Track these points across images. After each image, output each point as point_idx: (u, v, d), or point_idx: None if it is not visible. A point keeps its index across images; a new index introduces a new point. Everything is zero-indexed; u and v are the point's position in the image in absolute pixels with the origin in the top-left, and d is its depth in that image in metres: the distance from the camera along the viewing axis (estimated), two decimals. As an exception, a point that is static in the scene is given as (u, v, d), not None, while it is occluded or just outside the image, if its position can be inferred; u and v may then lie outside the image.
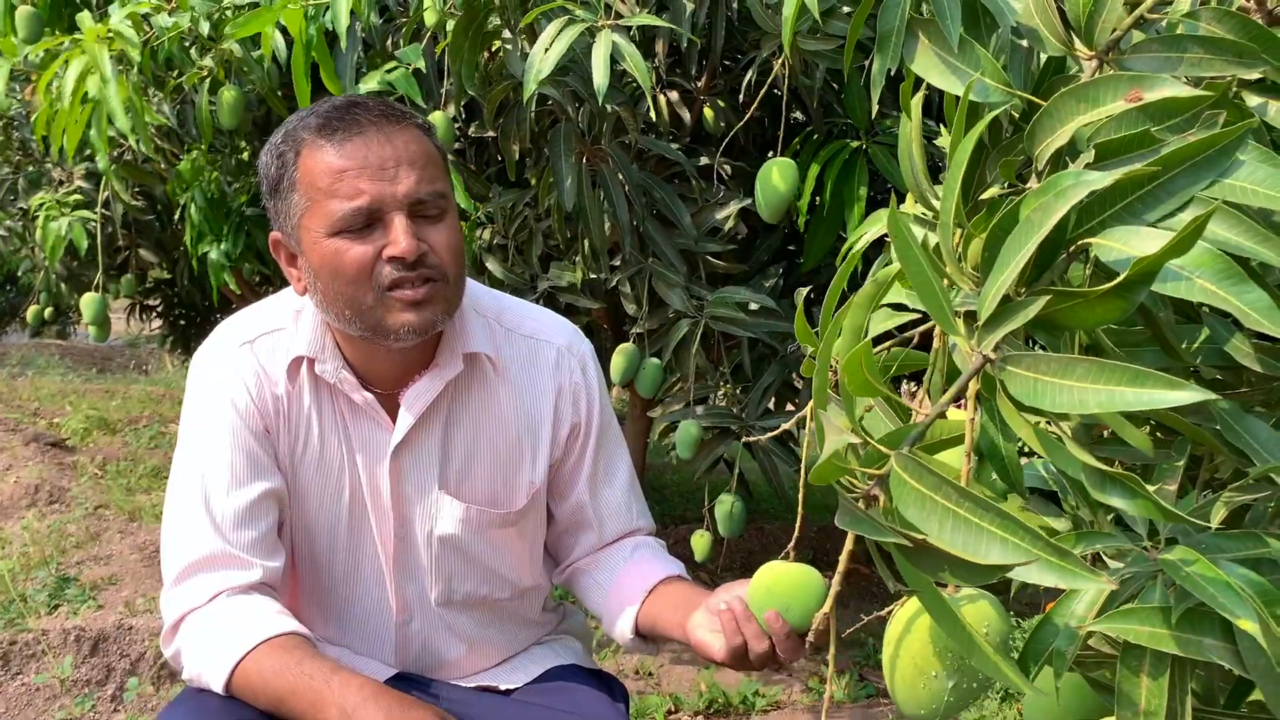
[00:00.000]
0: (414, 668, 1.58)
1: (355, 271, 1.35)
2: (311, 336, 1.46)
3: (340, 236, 1.35)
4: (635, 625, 1.51)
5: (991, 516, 0.71)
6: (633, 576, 1.55)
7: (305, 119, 1.39)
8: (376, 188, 1.34)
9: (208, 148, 3.57)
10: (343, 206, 1.34)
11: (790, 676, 3.11)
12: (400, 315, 1.37)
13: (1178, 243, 0.68)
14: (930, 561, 0.75)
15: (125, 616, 2.85)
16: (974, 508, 0.72)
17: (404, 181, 1.35)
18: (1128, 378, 0.69)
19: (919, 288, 0.83)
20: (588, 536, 1.63)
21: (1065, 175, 0.73)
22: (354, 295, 1.37)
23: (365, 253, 1.35)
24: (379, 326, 1.38)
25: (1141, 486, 0.71)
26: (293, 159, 1.38)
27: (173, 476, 1.47)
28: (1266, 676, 0.79)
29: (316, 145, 1.36)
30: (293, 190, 1.38)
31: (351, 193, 1.33)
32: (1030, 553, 0.69)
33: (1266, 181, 0.78)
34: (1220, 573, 0.78)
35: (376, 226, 1.35)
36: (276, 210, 1.42)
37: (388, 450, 1.48)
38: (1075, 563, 0.68)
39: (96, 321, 3.93)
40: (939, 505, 0.74)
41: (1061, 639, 0.88)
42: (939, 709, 0.90)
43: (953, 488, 0.73)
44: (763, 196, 2.47)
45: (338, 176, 1.34)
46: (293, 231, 1.40)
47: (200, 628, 1.37)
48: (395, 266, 1.35)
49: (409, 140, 1.37)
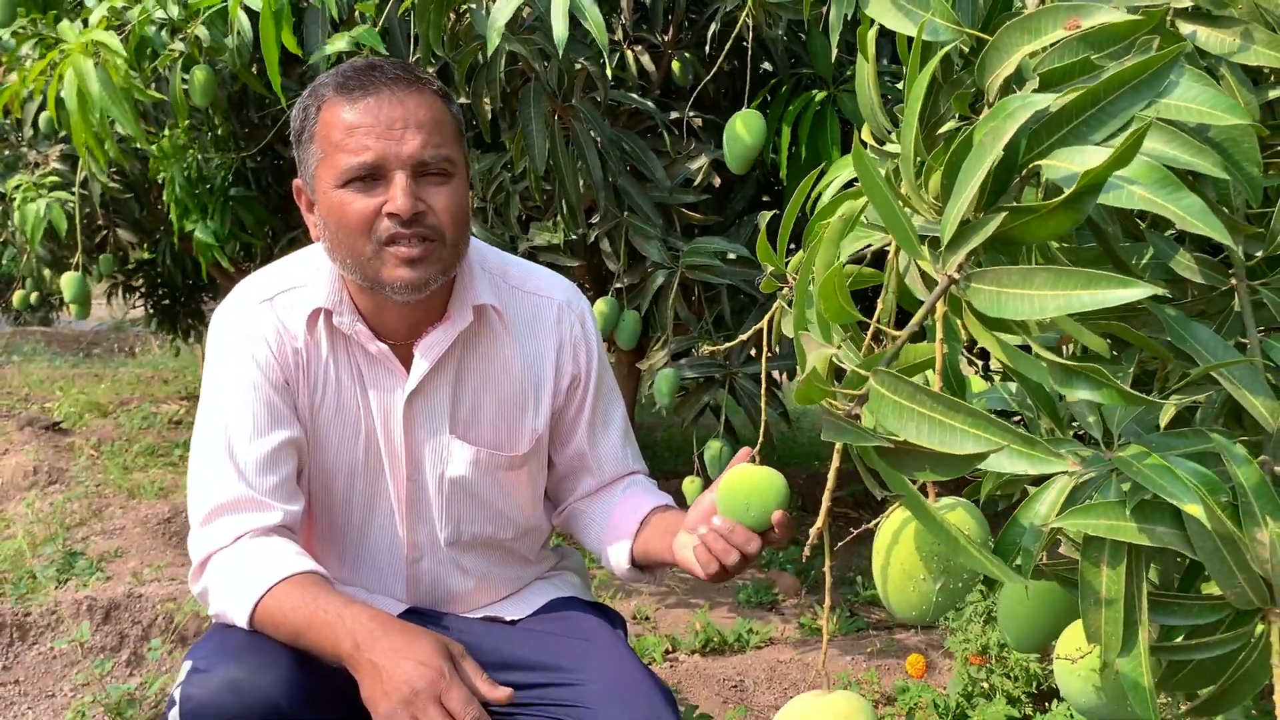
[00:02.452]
0: (424, 603, 1.66)
1: (356, 223, 1.43)
2: (330, 290, 1.54)
3: (347, 189, 1.43)
4: (631, 556, 1.61)
5: (963, 415, 0.77)
6: (625, 511, 1.64)
7: (330, 76, 1.48)
8: (382, 145, 1.42)
9: (185, 126, 3.59)
10: (350, 160, 1.42)
11: (783, 616, 3.20)
12: (395, 270, 1.45)
13: (1120, 155, 0.74)
14: (911, 461, 0.82)
15: (134, 585, 2.91)
16: (946, 409, 0.78)
17: (410, 142, 1.42)
18: (1082, 281, 0.75)
19: (885, 217, 0.89)
20: (586, 480, 1.73)
21: (1012, 99, 0.79)
22: (354, 245, 1.45)
23: (367, 206, 1.43)
24: (376, 278, 1.47)
25: (1106, 376, 0.77)
26: (314, 112, 1.47)
27: (197, 427, 1.54)
28: (1212, 556, 0.86)
29: (334, 101, 1.44)
30: (311, 141, 1.47)
31: (359, 148, 1.42)
32: (999, 442, 0.75)
33: (1200, 99, 0.84)
34: (1168, 465, 0.85)
35: (380, 183, 1.43)
36: (299, 158, 1.51)
37: (402, 397, 1.57)
38: (1041, 448, 0.75)
39: (78, 300, 3.97)
40: (915, 412, 0.80)
41: (1028, 537, 0.95)
42: (928, 608, 0.96)
43: (927, 394, 0.80)
44: (729, 148, 2.54)
45: (349, 132, 1.42)
46: (310, 179, 1.50)
47: (225, 567, 1.45)
48: (393, 222, 1.43)
49: (420, 104, 1.44)
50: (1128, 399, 0.78)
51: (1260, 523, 0.85)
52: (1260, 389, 0.95)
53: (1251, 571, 0.86)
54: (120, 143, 4.00)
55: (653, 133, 3.10)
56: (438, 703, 1.29)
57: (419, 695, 1.29)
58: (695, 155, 3.00)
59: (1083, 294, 0.75)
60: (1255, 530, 0.85)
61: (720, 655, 2.85)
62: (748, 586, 3.35)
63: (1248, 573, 0.86)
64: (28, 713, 2.39)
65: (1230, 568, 0.86)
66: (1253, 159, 0.96)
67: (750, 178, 3.26)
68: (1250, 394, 0.95)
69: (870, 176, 0.88)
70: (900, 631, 3.04)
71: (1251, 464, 0.86)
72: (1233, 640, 0.91)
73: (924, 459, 0.81)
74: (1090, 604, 0.92)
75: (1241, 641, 0.91)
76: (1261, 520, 0.85)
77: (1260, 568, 0.86)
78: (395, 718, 1.29)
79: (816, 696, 0.99)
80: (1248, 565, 0.86)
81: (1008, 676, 2.43)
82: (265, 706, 1.34)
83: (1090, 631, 0.92)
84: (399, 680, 1.29)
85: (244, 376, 1.52)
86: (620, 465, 1.73)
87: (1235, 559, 0.86)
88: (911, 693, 2.43)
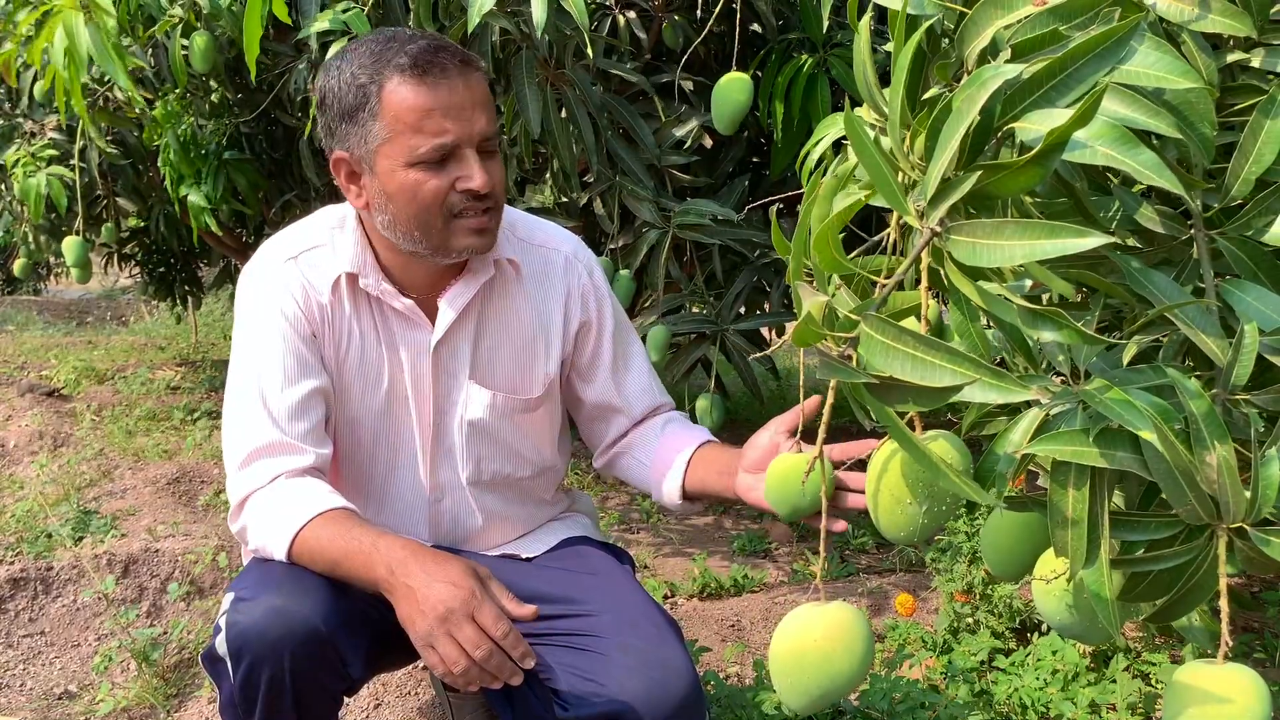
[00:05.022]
0: (445, 541, 1.77)
1: (431, 200, 1.53)
2: (353, 254, 1.64)
3: (418, 168, 1.52)
4: (682, 489, 1.73)
5: (941, 353, 0.87)
6: (669, 449, 1.76)
7: (390, 54, 1.51)
8: (459, 127, 1.51)
9: (182, 92, 3.64)
10: (429, 142, 1.50)
11: (776, 563, 3.32)
12: (465, 239, 1.57)
13: (1080, 115, 0.83)
14: (895, 394, 0.92)
15: (150, 541, 3.00)
16: (927, 348, 0.88)
17: (479, 122, 1.52)
18: (1045, 231, 0.85)
19: (874, 177, 0.99)
20: (619, 420, 1.84)
21: (986, 69, 0.89)
22: (426, 220, 1.55)
23: (441, 184, 1.53)
24: (443, 246, 1.58)
25: (1066, 319, 0.87)
26: (375, 91, 1.51)
27: (230, 380, 1.64)
28: (1166, 478, 0.97)
29: (404, 82, 1.50)
30: (374, 120, 1.52)
31: (437, 130, 1.50)
32: (972, 375, 0.85)
33: (1157, 65, 0.93)
34: (1127, 396, 0.95)
35: (450, 160, 1.52)
36: (347, 133, 1.56)
37: (429, 346, 1.68)
38: (1010, 381, 0.84)
39: (79, 264, 4.04)
40: (900, 351, 0.90)
41: (1003, 463, 1.06)
42: (916, 530, 1.05)
43: (910, 335, 0.89)
44: (716, 111, 2.64)
45: (426, 114, 1.50)
46: (367, 155, 1.54)
47: (263, 505, 1.55)
48: (466, 197, 1.54)
49: (478, 84, 1.54)
50: (1085, 338, 0.88)
51: (1209, 447, 0.95)
52: (1212, 329, 1.05)
53: (1201, 491, 0.97)
54: (116, 111, 4.06)
55: (644, 96, 3.17)
56: (471, 620, 1.39)
57: (453, 613, 1.39)
58: (686, 119, 3.08)
59: (1045, 243, 0.85)
60: (1205, 454, 0.96)
61: (717, 599, 2.96)
62: (742, 536, 3.46)
63: (1197, 491, 0.97)
64: (55, 661, 2.50)
65: (1182, 488, 0.97)
66: (1207, 119, 1.06)
67: (740, 140, 3.34)
68: (1202, 333, 1.05)
69: (860, 139, 0.97)
70: (889, 575, 3.16)
71: (1202, 395, 0.96)
72: (1185, 553, 1.02)
73: (907, 392, 0.91)
74: (1058, 523, 1.02)
75: (1194, 554, 1.02)
76: (1210, 444, 0.95)
77: (1209, 488, 0.97)
78: (432, 635, 1.39)
79: (814, 606, 1.09)
80: (1198, 485, 0.97)
81: (992, 613, 2.55)
82: (306, 629, 1.45)
83: (1058, 547, 1.02)
84: (434, 600, 1.39)
85: (273, 329, 1.61)
86: (649, 399, 1.84)
87: (1187, 480, 0.96)
88: (901, 630, 2.54)
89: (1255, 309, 1.07)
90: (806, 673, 1.07)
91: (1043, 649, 2.35)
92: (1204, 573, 1.03)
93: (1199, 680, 0.98)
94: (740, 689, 2.13)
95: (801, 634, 1.08)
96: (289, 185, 4.31)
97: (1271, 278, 1.12)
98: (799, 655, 1.08)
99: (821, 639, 1.06)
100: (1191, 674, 0.99)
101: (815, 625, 1.07)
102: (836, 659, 1.06)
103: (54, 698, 2.35)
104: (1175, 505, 0.98)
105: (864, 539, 3.43)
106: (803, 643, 1.08)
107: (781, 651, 1.09)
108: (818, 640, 1.07)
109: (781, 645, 1.10)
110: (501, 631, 1.39)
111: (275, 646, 1.44)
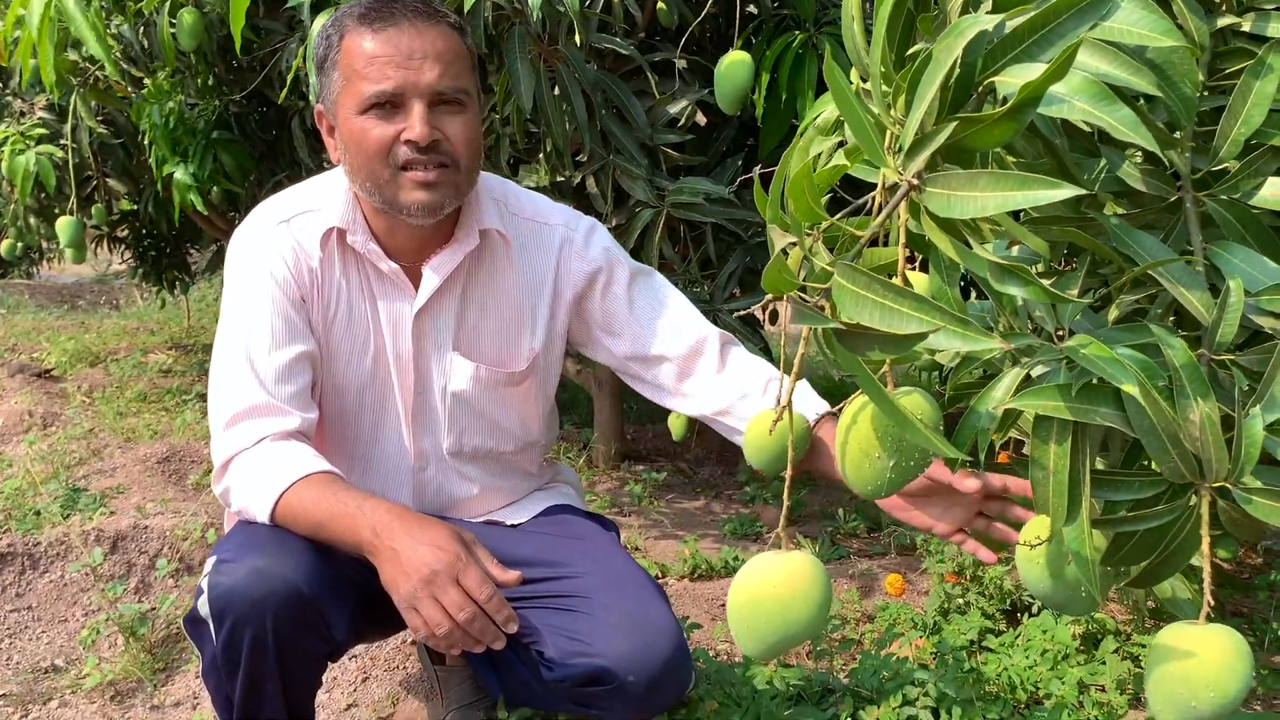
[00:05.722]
0: (429, 509, 1.76)
1: (376, 148, 1.52)
2: (344, 210, 1.63)
3: (367, 115, 1.52)
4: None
5: (908, 301, 0.86)
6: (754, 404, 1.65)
7: (353, 7, 1.55)
8: (402, 75, 1.50)
9: (171, 71, 3.62)
10: (371, 88, 1.50)
11: (766, 545, 3.31)
12: (412, 193, 1.54)
13: (1055, 69, 0.82)
14: (864, 342, 0.91)
15: (139, 519, 2.99)
16: (896, 296, 0.87)
17: (428, 73, 1.50)
18: (1017, 183, 0.84)
19: (854, 127, 0.98)
20: (665, 366, 1.72)
21: (964, 19, 0.88)
22: (373, 170, 1.54)
23: (386, 133, 1.52)
24: (393, 201, 1.55)
25: (1031, 275, 0.86)
26: (336, 41, 1.55)
27: (218, 340, 1.63)
28: (1149, 434, 0.96)
29: (357, 31, 1.52)
30: (334, 69, 1.55)
31: (380, 77, 1.50)
32: (936, 323, 0.84)
33: (1139, 23, 0.92)
34: (1110, 351, 0.94)
35: (400, 111, 1.51)
36: (321, 85, 1.58)
37: (411, 313, 1.66)
38: (974, 329, 0.83)
39: (73, 244, 4.01)
40: (869, 300, 0.89)
41: (984, 419, 1.05)
42: (883, 484, 1.04)
43: (879, 283, 0.88)
44: (720, 89, 2.62)
45: (370, 61, 1.50)
46: (331, 106, 1.57)
47: (248, 466, 1.54)
48: (410, 148, 1.52)
49: (438, 36, 1.52)
50: (1049, 295, 0.87)
51: (1192, 403, 0.94)
52: (1198, 287, 1.04)
53: (1184, 448, 0.96)
54: (106, 90, 4.04)
55: (638, 74, 3.16)
56: (456, 583, 1.39)
57: (438, 576, 1.38)
58: (679, 97, 3.06)
59: (1017, 194, 0.84)
60: (1188, 410, 0.95)
61: (707, 580, 2.96)
62: (733, 519, 3.45)
63: (1180, 449, 0.96)
64: (42, 636, 2.49)
65: (1165, 444, 0.96)
66: (1189, 79, 1.05)
67: (733, 119, 3.32)
68: (1187, 292, 1.04)
69: (841, 88, 0.96)
70: (880, 558, 3.15)
71: (1184, 350, 0.95)
72: (1169, 512, 1.01)
73: (874, 340, 0.91)
74: (1039, 478, 1.02)
75: (1177, 513, 1.01)
76: (1194, 400, 0.94)
77: (1192, 445, 0.96)
78: (416, 597, 1.38)
79: (774, 555, 1.08)
80: (1180, 442, 0.96)
81: (982, 594, 2.54)
82: (289, 590, 1.44)
83: (1039, 503, 1.02)
84: (418, 563, 1.39)
85: (263, 292, 1.61)
86: (688, 334, 1.71)
87: (1169, 436, 0.95)
88: (891, 610, 2.54)
89: (1243, 271, 1.06)
90: (763, 619, 1.06)
91: (1033, 629, 2.35)
92: (1187, 533, 1.02)
93: (1179, 640, 0.97)
94: (730, 665, 2.12)
95: (760, 581, 1.07)
96: (280, 166, 4.29)
97: (1259, 240, 1.12)
98: (756, 602, 1.07)
99: (780, 585, 1.06)
100: (1173, 635, 0.98)
101: (774, 573, 1.06)
102: (794, 606, 1.05)
103: (40, 671, 2.34)
104: (1158, 463, 0.97)
105: (856, 523, 3.42)
106: (761, 590, 1.07)
107: (739, 598, 1.09)
108: (776, 587, 1.06)
109: (739, 592, 1.09)
110: (486, 595, 1.39)
111: (258, 607, 1.43)
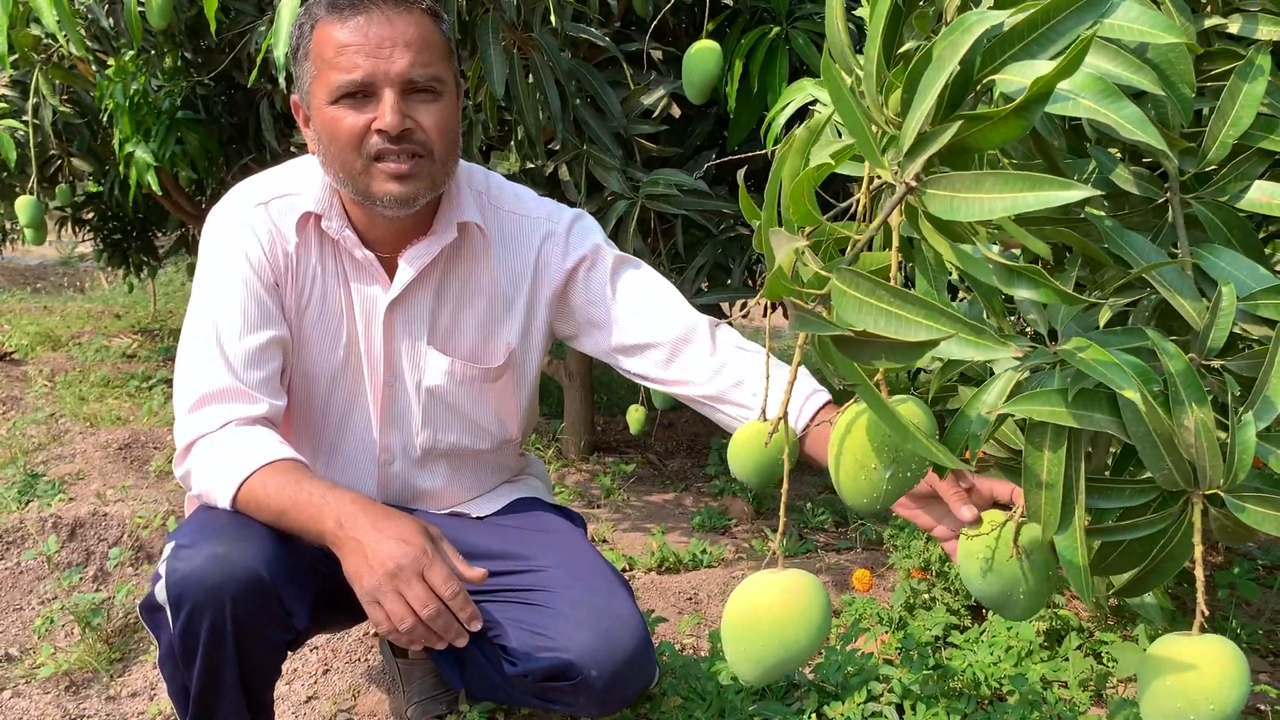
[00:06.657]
0: (393, 501, 1.73)
1: (347, 138, 1.48)
2: (321, 196, 1.60)
3: (338, 105, 1.48)
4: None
5: (915, 307, 0.83)
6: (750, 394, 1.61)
7: None
8: (371, 64, 1.46)
9: (138, 50, 3.55)
10: (340, 78, 1.47)
11: (735, 540, 3.30)
12: (384, 184, 1.50)
13: (1065, 65, 0.80)
14: (869, 350, 0.88)
15: (99, 505, 2.93)
16: (902, 303, 0.84)
17: (398, 61, 1.47)
18: (1028, 184, 0.82)
19: (850, 127, 0.96)
20: (652, 353, 1.67)
21: (969, 15, 0.86)
22: (346, 160, 1.50)
23: (357, 122, 1.48)
24: (366, 192, 1.51)
25: (1043, 276, 0.84)
26: (309, 30, 1.51)
27: (188, 320, 1.59)
28: (1144, 441, 0.94)
29: (327, 20, 1.48)
30: (306, 59, 1.52)
31: (349, 66, 1.46)
32: (948, 330, 0.81)
33: (1140, 19, 0.91)
34: (1108, 355, 0.92)
35: (371, 100, 1.48)
36: (296, 75, 1.56)
37: (383, 305, 1.62)
38: (989, 336, 0.81)
39: (33, 224, 3.93)
40: (873, 306, 0.86)
41: (975, 425, 1.03)
42: (879, 496, 1.00)
43: (884, 289, 0.86)
44: (687, 78, 2.61)
45: (340, 50, 1.47)
46: (305, 96, 1.54)
47: (211, 451, 1.50)
48: (381, 138, 1.48)
49: (410, 24, 1.48)
50: (1063, 297, 0.85)
51: (1188, 409, 0.93)
52: (1188, 291, 1.03)
53: (1179, 454, 0.95)
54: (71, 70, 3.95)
55: (612, 64, 3.13)
56: (420, 578, 1.36)
57: (403, 570, 1.36)
58: (654, 88, 3.04)
59: (1028, 195, 0.82)
60: (1183, 416, 0.93)
61: (675, 573, 2.94)
62: (701, 512, 3.44)
63: (1175, 455, 0.95)
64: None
65: (1160, 451, 0.95)
66: (1186, 80, 1.04)
67: (708, 112, 3.30)
68: (1179, 295, 1.03)
69: (838, 88, 0.94)
70: (848, 553, 3.15)
71: (1180, 356, 0.94)
72: (1159, 521, 1.00)
73: (880, 348, 0.87)
74: (1032, 485, 1.00)
75: (1168, 521, 1.00)
76: (1189, 406, 0.93)
77: (1186, 452, 0.95)
78: (379, 591, 1.36)
79: (770, 573, 1.02)
80: (1176, 449, 0.95)
81: (948, 590, 2.54)
82: (248, 576, 1.41)
83: (1031, 511, 1.00)
84: (383, 556, 1.36)
85: (237, 274, 1.57)
86: (678, 323, 1.67)
87: (1165, 443, 0.94)
88: (857, 605, 2.53)
89: (1229, 274, 1.05)
90: (759, 640, 1.00)
91: (997, 625, 2.35)
92: (1177, 542, 1.01)
93: (1175, 652, 0.96)
94: (695, 659, 2.11)
95: (755, 600, 1.01)
96: (248, 150, 4.22)
97: (1245, 243, 1.11)
98: (752, 622, 1.00)
99: (776, 605, 0.99)
100: (1167, 646, 0.97)
101: (770, 591, 1.00)
102: (791, 627, 0.99)
103: (-5, 663, 2.29)
104: (1152, 470, 0.96)
105: (823, 517, 3.42)
106: (756, 609, 1.00)
107: (734, 618, 1.02)
108: (772, 607, 0.99)
109: (735, 611, 1.02)
110: (451, 592, 1.37)
111: (216, 593, 1.40)
